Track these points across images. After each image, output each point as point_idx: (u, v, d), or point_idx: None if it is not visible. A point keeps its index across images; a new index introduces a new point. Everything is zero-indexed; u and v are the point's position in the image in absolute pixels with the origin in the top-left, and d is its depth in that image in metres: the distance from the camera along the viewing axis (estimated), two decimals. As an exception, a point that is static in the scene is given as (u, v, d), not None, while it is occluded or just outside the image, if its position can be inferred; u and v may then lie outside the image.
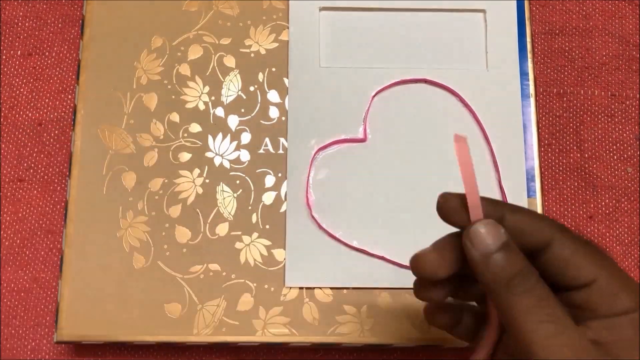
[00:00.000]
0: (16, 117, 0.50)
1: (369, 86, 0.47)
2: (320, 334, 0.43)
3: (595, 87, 0.51)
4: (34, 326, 0.47)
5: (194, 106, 0.47)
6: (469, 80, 0.47)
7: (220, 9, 0.48)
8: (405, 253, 0.44)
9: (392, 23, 0.48)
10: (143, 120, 0.46)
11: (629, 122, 0.51)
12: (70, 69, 0.51)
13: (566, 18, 0.52)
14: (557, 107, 0.51)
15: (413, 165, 0.46)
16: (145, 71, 0.47)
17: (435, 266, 0.30)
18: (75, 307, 0.43)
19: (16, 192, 0.49)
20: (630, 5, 0.52)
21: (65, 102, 0.50)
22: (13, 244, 0.48)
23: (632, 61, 0.51)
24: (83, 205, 0.45)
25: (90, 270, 0.44)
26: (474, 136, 0.46)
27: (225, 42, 0.48)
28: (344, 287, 0.44)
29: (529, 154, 0.46)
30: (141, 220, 0.45)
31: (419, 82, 0.47)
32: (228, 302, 0.43)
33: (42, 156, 0.49)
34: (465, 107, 0.47)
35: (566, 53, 0.52)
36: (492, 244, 0.28)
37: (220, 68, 0.47)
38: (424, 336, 0.43)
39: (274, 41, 0.48)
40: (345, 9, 0.48)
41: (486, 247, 0.28)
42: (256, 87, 0.47)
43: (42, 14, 0.52)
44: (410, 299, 0.43)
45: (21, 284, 0.47)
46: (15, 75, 0.51)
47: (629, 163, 0.50)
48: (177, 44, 0.48)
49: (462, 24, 0.48)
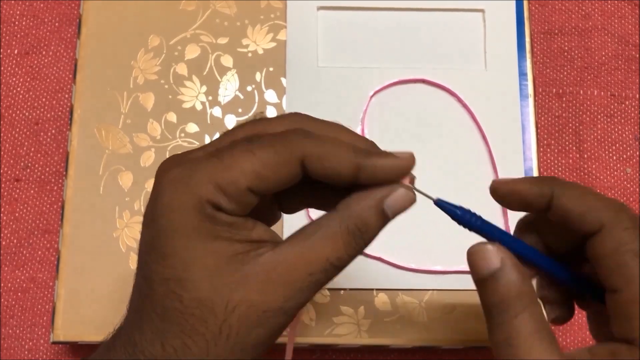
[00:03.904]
0: (13, 116, 0.50)
1: (367, 86, 0.46)
2: (317, 334, 0.43)
3: (594, 87, 0.51)
4: (31, 326, 0.47)
5: (191, 106, 0.46)
6: (468, 80, 0.47)
7: (217, 8, 0.48)
8: (402, 254, 0.44)
9: (390, 23, 0.48)
10: (140, 120, 0.46)
11: (629, 122, 0.50)
12: (67, 68, 0.51)
13: (565, 18, 0.52)
14: (556, 108, 0.51)
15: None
16: (142, 71, 0.47)
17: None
18: (72, 308, 0.43)
19: (13, 192, 0.49)
20: (630, 5, 0.52)
21: (62, 102, 0.50)
22: (10, 244, 0.48)
23: (631, 61, 0.51)
24: (79, 205, 0.45)
25: (86, 271, 0.44)
26: (473, 136, 0.46)
27: (222, 41, 0.47)
28: (340, 288, 0.43)
29: (528, 155, 0.46)
30: (138, 221, 0.44)
31: (417, 82, 0.47)
32: (225, 303, 0.43)
33: (39, 155, 0.49)
34: (463, 107, 0.46)
35: (565, 53, 0.52)
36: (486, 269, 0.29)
37: (217, 68, 0.47)
38: (421, 337, 0.43)
39: (272, 41, 0.47)
40: (343, 9, 0.48)
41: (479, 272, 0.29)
42: (254, 87, 0.47)
43: (39, 12, 0.52)
44: (407, 300, 0.43)
45: (18, 284, 0.47)
46: (12, 74, 0.51)
47: (628, 164, 0.50)
48: (174, 43, 0.47)
49: (460, 24, 0.48)
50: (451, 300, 0.43)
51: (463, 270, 0.43)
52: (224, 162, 0.27)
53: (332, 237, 0.28)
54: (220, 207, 0.27)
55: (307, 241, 0.28)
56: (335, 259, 0.28)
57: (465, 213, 0.30)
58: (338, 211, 0.28)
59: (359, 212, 0.28)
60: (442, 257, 0.44)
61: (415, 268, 0.44)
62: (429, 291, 0.44)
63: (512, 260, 0.28)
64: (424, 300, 0.43)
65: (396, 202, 0.28)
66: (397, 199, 0.28)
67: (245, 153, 0.27)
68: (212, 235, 0.27)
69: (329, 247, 0.28)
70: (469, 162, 0.46)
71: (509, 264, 0.28)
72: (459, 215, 0.30)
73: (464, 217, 0.30)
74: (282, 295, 0.27)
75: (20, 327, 0.47)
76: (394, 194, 0.28)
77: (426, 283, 0.44)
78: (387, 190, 0.28)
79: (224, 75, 0.47)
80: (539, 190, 0.30)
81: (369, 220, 0.28)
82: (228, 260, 0.27)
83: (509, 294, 0.28)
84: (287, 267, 0.27)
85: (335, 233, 0.28)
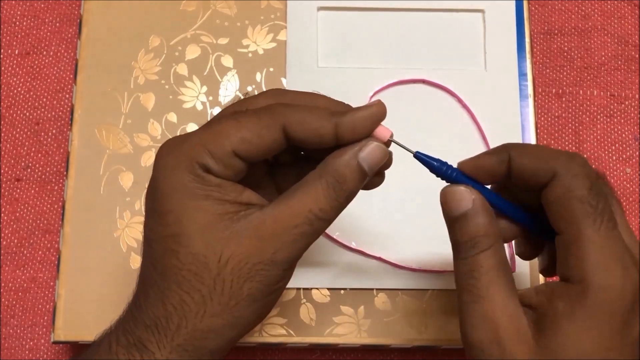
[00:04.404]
0: (14, 116, 0.50)
1: (367, 86, 0.46)
2: (317, 334, 0.43)
3: (594, 88, 0.51)
4: (32, 326, 0.47)
5: (192, 106, 0.46)
6: (467, 81, 0.47)
7: (218, 9, 0.48)
8: (402, 254, 0.44)
9: (390, 23, 0.48)
10: (140, 120, 0.46)
11: (628, 122, 0.50)
12: (67, 68, 0.51)
13: (565, 18, 0.52)
14: (556, 108, 0.51)
15: (411, 166, 0.46)
16: (143, 71, 0.47)
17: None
18: (72, 308, 0.43)
19: (14, 192, 0.49)
20: (630, 6, 0.52)
21: (63, 102, 0.50)
22: (11, 244, 0.48)
23: (631, 61, 0.51)
24: (80, 205, 0.45)
25: (87, 270, 0.44)
26: (472, 137, 0.46)
27: (223, 41, 0.47)
28: (341, 288, 0.44)
29: (527, 155, 0.46)
30: (138, 221, 0.44)
31: (417, 83, 0.47)
32: (225, 303, 0.43)
33: (40, 155, 0.49)
34: (463, 108, 0.46)
35: (565, 53, 0.52)
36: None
37: (217, 68, 0.47)
38: (421, 337, 0.43)
39: (272, 41, 0.48)
40: (344, 9, 0.48)
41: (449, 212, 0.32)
42: (254, 87, 0.47)
43: (40, 13, 0.52)
44: (407, 300, 0.43)
45: (19, 283, 0.47)
46: (13, 75, 0.51)
47: (628, 164, 0.50)
48: (175, 43, 0.47)
49: (460, 24, 0.48)
50: (451, 300, 0.43)
51: (463, 270, 0.44)
52: (212, 130, 0.30)
53: (312, 190, 0.30)
54: (209, 168, 0.30)
55: (290, 197, 0.30)
56: (317, 210, 0.30)
57: (442, 165, 0.32)
58: (318, 168, 0.31)
59: (336, 166, 0.30)
60: (442, 257, 0.44)
61: (415, 268, 0.44)
62: (429, 291, 0.44)
63: (482, 201, 0.31)
64: (424, 300, 0.43)
65: (370, 154, 0.31)
66: (370, 151, 0.31)
67: (231, 121, 0.30)
68: (203, 194, 0.30)
69: (310, 200, 0.30)
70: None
71: (479, 205, 0.31)
72: (436, 167, 0.32)
73: (440, 169, 0.32)
74: (272, 247, 0.30)
75: (21, 327, 0.47)
76: (367, 147, 0.31)
77: (426, 283, 0.44)
78: (361, 144, 0.31)
79: (224, 76, 0.47)
80: (497, 157, 0.32)
81: (345, 172, 0.30)
82: (219, 218, 0.30)
83: (478, 232, 0.30)
84: (273, 221, 0.30)
85: (316, 187, 0.30)
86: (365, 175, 0.31)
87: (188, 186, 0.30)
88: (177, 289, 0.30)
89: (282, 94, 0.33)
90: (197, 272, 0.30)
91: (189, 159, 0.30)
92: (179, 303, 0.30)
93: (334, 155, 0.31)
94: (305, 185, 0.31)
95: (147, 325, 0.30)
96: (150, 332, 0.30)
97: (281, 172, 0.35)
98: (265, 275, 0.30)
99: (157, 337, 0.30)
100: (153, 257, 0.31)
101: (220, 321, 0.30)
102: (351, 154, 0.31)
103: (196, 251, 0.30)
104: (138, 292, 0.32)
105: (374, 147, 0.31)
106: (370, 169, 0.31)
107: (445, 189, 0.32)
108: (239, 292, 0.30)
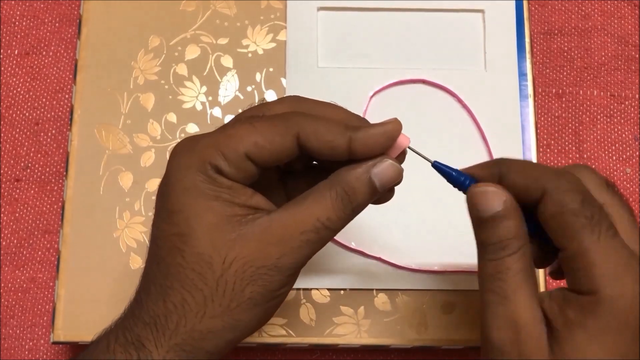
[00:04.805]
0: (13, 116, 0.50)
1: (367, 86, 0.46)
2: (317, 335, 0.43)
3: (594, 88, 0.51)
4: (31, 326, 0.47)
5: (191, 106, 0.46)
6: (467, 81, 0.47)
7: (217, 9, 0.48)
8: (402, 254, 0.44)
9: (390, 23, 0.48)
10: (140, 121, 0.46)
11: (628, 122, 0.50)
12: (67, 68, 0.51)
13: (565, 18, 0.52)
14: (556, 108, 0.51)
15: (410, 166, 0.46)
16: (143, 71, 0.47)
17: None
18: (72, 308, 0.43)
19: (13, 192, 0.49)
20: (630, 6, 0.52)
21: (62, 102, 0.50)
22: (10, 244, 0.48)
23: (631, 61, 0.51)
24: (80, 205, 0.45)
25: (86, 271, 0.44)
26: (472, 137, 0.46)
27: (222, 42, 0.47)
28: (341, 288, 0.44)
29: (528, 155, 0.46)
30: (138, 221, 0.44)
31: (417, 83, 0.47)
32: (225, 303, 0.43)
33: (39, 156, 0.49)
34: (463, 108, 0.46)
35: (565, 53, 0.52)
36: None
37: (217, 68, 0.47)
38: (421, 337, 0.43)
39: (272, 41, 0.47)
40: (343, 9, 0.48)
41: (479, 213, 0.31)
42: (254, 88, 0.47)
43: (40, 13, 0.52)
44: (407, 300, 0.43)
45: (19, 284, 0.47)
46: (13, 75, 0.51)
47: (628, 164, 0.50)
48: (175, 43, 0.47)
49: (460, 24, 0.48)
50: (451, 300, 0.43)
51: (463, 270, 0.43)
52: (226, 132, 0.31)
53: (322, 200, 0.30)
54: (221, 170, 0.30)
55: (299, 204, 0.31)
56: (325, 219, 0.30)
57: (459, 175, 0.32)
58: (329, 179, 0.31)
59: (347, 178, 0.31)
60: (442, 257, 0.44)
61: (415, 268, 0.44)
62: (429, 291, 0.44)
63: (513, 203, 0.30)
64: (424, 300, 0.43)
65: (383, 171, 0.31)
66: (383, 168, 0.31)
67: (246, 125, 0.30)
68: (213, 194, 0.30)
69: (318, 208, 0.30)
70: (468, 163, 0.45)
71: (510, 207, 0.30)
72: (454, 176, 0.32)
73: (458, 179, 0.32)
74: (277, 252, 0.30)
75: (21, 327, 0.47)
76: (382, 164, 0.31)
77: (426, 283, 0.44)
78: (375, 161, 0.31)
79: (224, 76, 0.47)
80: (488, 173, 0.32)
81: (355, 185, 0.31)
82: (227, 220, 0.30)
83: (508, 235, 0.30)
84: (280, 226, 0.30)
85: (325, 196, 0.30)
86: (376, 191, 0.31)
87: (199, 186, 0.30)
88: (179, 288, 0.30)
89: (300, 102, 0.33)
90: (201, 272, 0.30)
91: (201, 160, 0.30)
92: (180, 302, 0.30)
93: (347, 168, 0.31)
94: (314, 194, 0.31)
95: (146, 322, 0.30)
96: (149, 330, 0.30)
97: (292, 179, 0.35)
98: (268, 280, 0.30)
99: (155, 335, 0.30)
100: (158, 254, 0.31)
101: (220, 323, 0.30)
102: (364, 169, 0.31)
103: (202, 251, 0.30)
104: (140, 288, 0.32)
105: (388, 164, 0.31)
106: (382, 186, 0.31)
107: (474, 189, 0.31)
108: (240, 295, 0.30)
